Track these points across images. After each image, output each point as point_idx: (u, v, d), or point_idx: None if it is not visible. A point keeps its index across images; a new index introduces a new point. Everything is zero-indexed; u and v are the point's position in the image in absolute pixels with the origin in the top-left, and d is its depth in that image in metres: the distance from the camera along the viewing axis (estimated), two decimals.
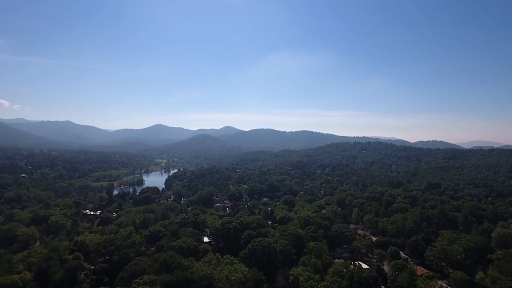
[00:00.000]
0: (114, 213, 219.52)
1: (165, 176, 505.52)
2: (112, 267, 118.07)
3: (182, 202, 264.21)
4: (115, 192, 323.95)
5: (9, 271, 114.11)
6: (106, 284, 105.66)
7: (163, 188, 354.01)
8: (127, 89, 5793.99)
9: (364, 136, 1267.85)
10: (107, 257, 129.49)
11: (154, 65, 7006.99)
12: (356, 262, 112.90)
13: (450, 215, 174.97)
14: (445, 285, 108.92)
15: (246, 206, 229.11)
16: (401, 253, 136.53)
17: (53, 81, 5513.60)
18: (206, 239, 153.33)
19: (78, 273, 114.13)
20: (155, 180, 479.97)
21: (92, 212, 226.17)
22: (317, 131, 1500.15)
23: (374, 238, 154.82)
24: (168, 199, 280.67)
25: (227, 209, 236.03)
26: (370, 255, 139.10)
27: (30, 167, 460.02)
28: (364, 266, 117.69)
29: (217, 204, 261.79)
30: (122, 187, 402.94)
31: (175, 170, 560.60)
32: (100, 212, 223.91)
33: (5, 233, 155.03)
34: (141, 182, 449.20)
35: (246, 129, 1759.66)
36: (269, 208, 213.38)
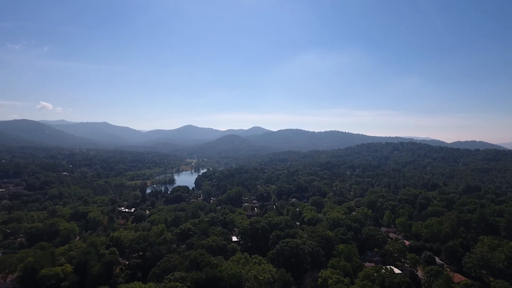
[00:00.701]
0: (147, 210, 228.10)
1: (195, 176, 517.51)
2: (145, 262, 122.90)
3: (211, 201, 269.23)
4: (148, 191, 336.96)
5: (52, 263, 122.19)
6: (140, 279, 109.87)
7: (193, 187, 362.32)
8: (160, 91, 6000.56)
9: (396, 136, 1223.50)
10: (140, 253, 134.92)
11: (185, 67, 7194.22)
12: (388, 267, 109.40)
13: (491, 220, 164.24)
14: None
15: (274, 207, 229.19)
16: (437, 259, 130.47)
17: (92, 84, 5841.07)
18: (234, 238, 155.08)
19: (114, 268, 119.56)
20: (186, 179, 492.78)
21: (126, 210, 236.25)
22: (346, 131, 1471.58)
23: (407, 242, 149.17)
24: (198, 198, 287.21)
25: (255, 209, 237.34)
26: (402, 260, 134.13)
27: (71, 166, 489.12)
28: (397, 271, 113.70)
29: (246, 204, 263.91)
30: (154, 185, 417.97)
31: (205, 170, 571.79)
32: (134, 210, 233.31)
33: (49, 228, 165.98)
34: (172, 181, 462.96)
35: (275, 130, 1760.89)
36: (297, 209, 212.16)
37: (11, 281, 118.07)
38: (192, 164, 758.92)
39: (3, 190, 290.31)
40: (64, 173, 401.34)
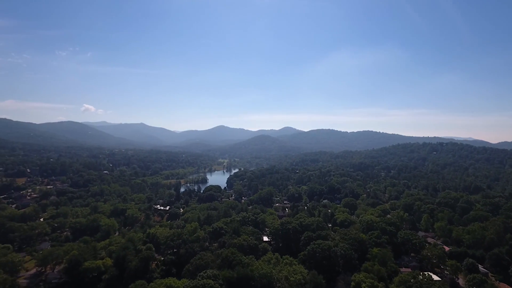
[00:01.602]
0: (181, 209, 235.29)
1: (227, 175, 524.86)
2: (179, 259, 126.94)
3: (242, 201, 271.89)
4: (182, 190, 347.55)
5: (94, 256, 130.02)
6: (174, 275, 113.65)
7: (225, 187, 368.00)
8: (193, 92, 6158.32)
9: (435, 137, 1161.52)
10: (174, 250, 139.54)
11: (216, 69, 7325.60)
12: (425, 273, 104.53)
13: None
14: None
15: (305, 207, 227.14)
16: (480, 267, 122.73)
17: (130, 87, 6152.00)
18: (265, 238, 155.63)
19: (150, 263, 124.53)
20: (218, 179, 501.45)
21: (162, 208, 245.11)
22: (381, 131, 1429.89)
23: (446, 248, 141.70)
24: (230, 198, 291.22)
25: (286, 209, 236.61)
26: (442, 267, 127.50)
27: (111, 165, 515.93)
28: (435, 277, 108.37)
29: (277, 204, 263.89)
30: (188, 184, 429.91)
31: (236, 170, 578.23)
32: (169, 208, 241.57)
33: (91, 223, 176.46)
34: (205, 180, 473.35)
35: (306, 130, 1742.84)
36: (329, 210, 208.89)
37: (58, 272, 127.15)
38: (224, 164, 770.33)
39: (51, 187, 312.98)
40: (105, 171, 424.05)
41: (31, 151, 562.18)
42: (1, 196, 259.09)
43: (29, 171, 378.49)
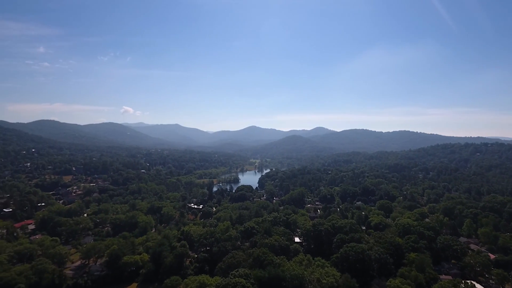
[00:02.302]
0: (213, 208, 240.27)
1: (258, 175, 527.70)
2: (211, 257, 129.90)
3: (274, 201, 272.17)
4: (215, 189, 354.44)
5: (132, 251, 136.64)
6: (207, 272, 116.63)
7: (256, 187, 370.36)
8: (226, 93, 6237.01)
9: (478, 137, 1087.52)
10: (207, 248, 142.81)
11: (248, 69, 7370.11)
12: (468, 281, 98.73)
13: None
14: None
15: (338, 209, 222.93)
16: None
17: (166, 89, 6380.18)
18: (296, 239, 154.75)
19: (184, 260, 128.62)
20: (249, 179, 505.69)
21: (195, 206, 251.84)
22: (418, 131, 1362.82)
23: (492, 256, 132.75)
24: (261, 198, 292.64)
25: (318, 210, 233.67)
26: (487, 275, 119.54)
27: (148, 164, 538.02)
28: (479, 287, 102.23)
29: (308, 205, 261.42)
30: (220, 184, 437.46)
31: (268, 170, 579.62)
32: (202, 206, 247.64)
33: (130, 219, 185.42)
34: (237, 180, 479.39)
35: (338, 130, 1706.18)
36: (363, 213, 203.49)
37: (100, 265, 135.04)
38: (256, 164, 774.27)
39: (94, 184, 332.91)
40: (142, 170, 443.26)
41: (76, 151, 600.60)
42: (50, 192, 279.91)
43: (74, 169, 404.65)
